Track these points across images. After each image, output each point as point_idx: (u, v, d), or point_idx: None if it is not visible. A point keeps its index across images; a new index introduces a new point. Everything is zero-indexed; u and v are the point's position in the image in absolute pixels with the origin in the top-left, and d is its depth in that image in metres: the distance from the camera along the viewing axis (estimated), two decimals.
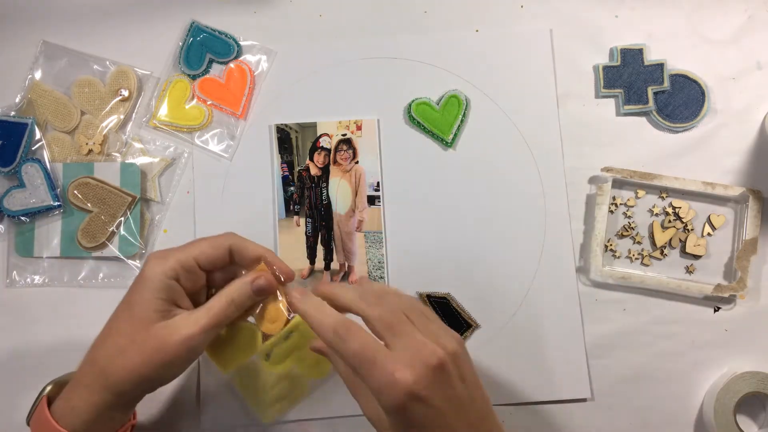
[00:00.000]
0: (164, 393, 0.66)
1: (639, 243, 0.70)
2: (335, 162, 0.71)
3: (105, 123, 0.70)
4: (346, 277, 0.70)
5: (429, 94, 0.72)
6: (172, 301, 0.50)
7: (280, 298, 0.53)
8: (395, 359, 0.43)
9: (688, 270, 0.70)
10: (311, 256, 0.70)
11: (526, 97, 0.72)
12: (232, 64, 0.72)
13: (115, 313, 0.51)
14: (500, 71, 0.72)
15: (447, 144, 0.71)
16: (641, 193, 0.71)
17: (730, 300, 0.69)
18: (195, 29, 0.72)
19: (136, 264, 0.69)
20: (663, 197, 0.71)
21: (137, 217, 0.69)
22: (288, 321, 0.54)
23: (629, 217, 0.71)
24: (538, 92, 0.72)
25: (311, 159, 0.71)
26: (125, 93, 0.69)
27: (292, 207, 0.70)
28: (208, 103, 0.71)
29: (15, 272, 0.69)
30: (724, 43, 0.73)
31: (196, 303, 0.53)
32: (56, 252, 0.69)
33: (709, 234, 0.70)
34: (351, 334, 0.45)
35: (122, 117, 0.70)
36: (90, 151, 0.69)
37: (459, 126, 0.71)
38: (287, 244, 0.70)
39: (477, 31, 0.73)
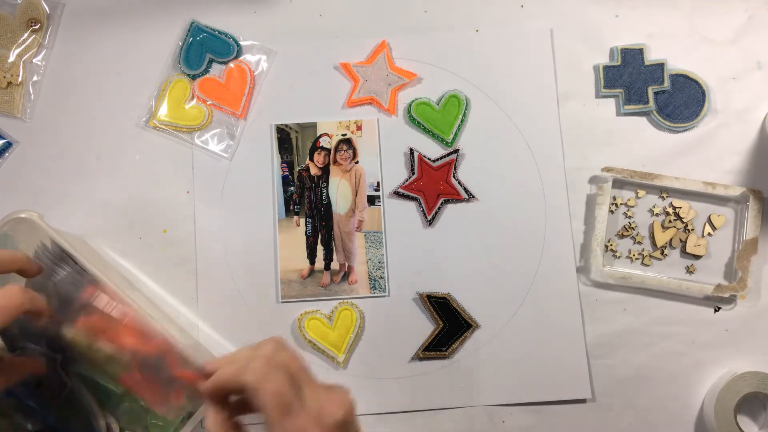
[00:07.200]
0: None
1: (639, 243, 0.70)
2: (335, 162, 0.71)
3: (20, 54, 0.71)
4: (346, 277, 0.69)
5: (429, 94, 0.72)
6: None
7: None
8: None
9: (689, 270, 0.70)
10: (311, 256, 0.70)
11: (526, 97, 0.72)
12: (232, 64, 0.72)
13: None
14: (500, 71, 0.72)
15: (447, 144, 0.71)
16: (641, 193, 0.71)
17: (731, 300, 0.69)
18: (195, 29, 0.72)
19: None
20: (663, 197, 0.70)
21: None
22: None
23: (629, 217, 0.70)
24: (538, 92, 0.72)
25: (311, 159, 0.71)
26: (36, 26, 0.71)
27: (292, 207, 0.70)
28: (208, 102, 0.71)
29: None
30: (724, 43, 0.73)
31: None
32: None
33: (709, 234, 0.70)
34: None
35: (36, 49, 0.72)
36: (9, 83, 0.71)
37: (459, 126, 0.71)
38: (287, 244, 0.70)
39: (477, 31, 0.73)
